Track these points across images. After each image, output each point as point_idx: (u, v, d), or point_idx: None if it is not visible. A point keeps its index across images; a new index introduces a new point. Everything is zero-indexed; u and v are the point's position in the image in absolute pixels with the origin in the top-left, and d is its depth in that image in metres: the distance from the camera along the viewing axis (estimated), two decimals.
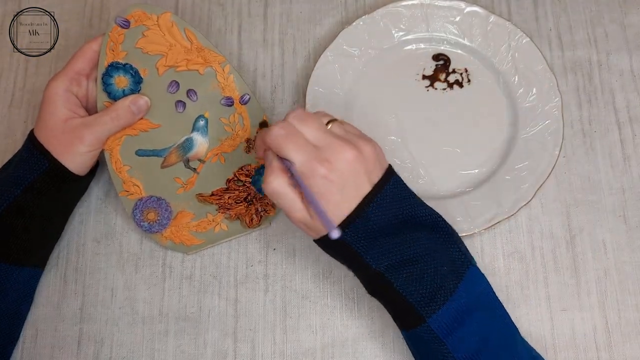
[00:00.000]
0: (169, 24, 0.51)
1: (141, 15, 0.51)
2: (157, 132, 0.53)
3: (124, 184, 0.53)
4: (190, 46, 0.52)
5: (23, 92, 0.62)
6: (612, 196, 0.55)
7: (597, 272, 0.53)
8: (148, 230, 0.54)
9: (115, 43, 0.51)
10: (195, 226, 0.54)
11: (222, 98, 0.53)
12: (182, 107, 0.53)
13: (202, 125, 0.53)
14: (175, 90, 0.52)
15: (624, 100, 0.58)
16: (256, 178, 0.54)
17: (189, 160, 0.54)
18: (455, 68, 0.59)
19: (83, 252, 0.56)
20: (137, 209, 0.53)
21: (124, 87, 0.51)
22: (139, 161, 0.53)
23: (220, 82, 0.53)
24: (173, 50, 0.52)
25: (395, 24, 0.59)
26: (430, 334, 0.42)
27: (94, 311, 0.54)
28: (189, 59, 0.52)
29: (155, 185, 0.54)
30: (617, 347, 0.51)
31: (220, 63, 0.53)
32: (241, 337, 0.53)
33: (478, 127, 0.57)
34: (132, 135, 0.52)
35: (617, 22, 0.61)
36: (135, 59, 0.52)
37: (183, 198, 0.54)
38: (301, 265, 0.55)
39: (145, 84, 0.52)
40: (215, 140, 0.54)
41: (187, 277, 0.55)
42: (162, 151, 0.53)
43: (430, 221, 0.45)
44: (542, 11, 0.62)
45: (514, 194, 0.53)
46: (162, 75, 0.52)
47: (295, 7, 0.63)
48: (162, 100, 0.53)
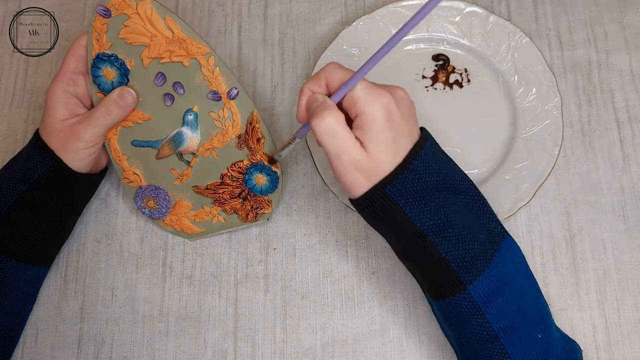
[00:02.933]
0: (148, 12, 0.49)
1: (120, 3, 0.49)
2: (149, 124, 0.52)
3: (124, 172, 0.54)
4: (172, 37, 0.49)
5: (24, 92, 0.62)
6: (611, 196, 0.56)
7: (596, 271, 0.53)
8: (150, 217, 0.55)
9: (99, 33, 0.50)
10: (194, 216, 0.55)
11: (209, 92, 0.51)
12: (171, 101, 0.51)
13: (192, 120, 0.52)
14: (162, 82, 0.51)
15: (623, 100, 0.58)
16: (248, 177, 0.53)
17: (181, 154, 0.53)
18: (455, 68, 0.59)
19: (83, 251, 0.56)
20: (138, 197, 0.54)
21: (112, 79, 0.51)
22: (136, 151, 0.53)
23: (206, 76, 0.50)
24: (155, 41, 0.50)
25: (395, 24, 0.59)
26: (470, 302, 0.41)
27: (95, 311, 0.54)
28: (172, 50, 0.50)
29: (154, 175, 0.54)
30: (617, 347, 0.51)
31: (205, 55, 0.50)
32: (241, 337, 0.53)
33: (478, 127, 0.57)
34: (126, 127, 0.53)
35: (616, 22, 0.61)
36: (121, 50, 0.50)
37: (180, 189, 0.54)
38: (301, 265, 0.55)
39: (132, 76, 0.51)
40: (206, 134, 0.52)
41: (187, 277, 0.55)
42: (156, 143, 0.53)
43: (465, 186, 0.44)
44: (542, 11, 0.62)
45: (514, 194, 0.53)
46: (148, 67, 0.51)
47: (295, 7, 0.63)
48: (151, 93, 0.51)
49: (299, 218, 0.56)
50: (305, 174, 0.58)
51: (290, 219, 0.56)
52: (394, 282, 0.54)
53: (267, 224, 0.56)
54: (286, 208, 0.57)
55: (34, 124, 0.60)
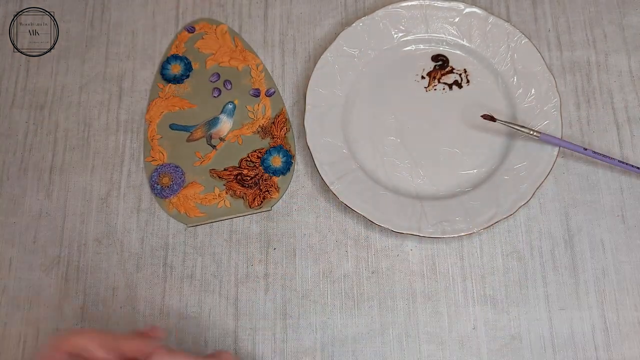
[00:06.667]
0: (223, 33, 0.63)
1: (204, 26, 0.63)
2: (192, 111, 0.60)
3: (151, 151, 0.59)
4: (235, 48, 0.62)
5: (24, 92, 0.62)
6: (610, 196, 0.56)
7: (595, 271, 0.54)
8: (159, 194, 0.57)
9: (180, 42, 0.63)
10: (202, 199, 0.57)
11: (251, 89, 0.61)
12: (218, 93, 0.61)
13: (230, 109, 0.60)
14: (215, 79, 0.61)
15: (622, 100, 0.59)
16: (265, 157, 0.58)
17: (211, 136, 0.59)
18: (455, 69, 0.59)
19: (84, 251, 0.56)
20: (156, 172, 0.58)
21: (176, 73, 0.61)
22: (170, 133, 0.60)
23: (252, 77, 0.61)
24: (221, 50, 0.62)
25: (395, 25, 0.59)
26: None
27: (95, 310, 0.54)
28: (232, 57, 0.62)
29: (178, 156, 0.59)
30: (616, 347, 0.51)
31: (256, 64, 0.61)
32: (241, 336, 0.53)
33: (477, 128, 0.57)
34: (172, 112, 0.60)
35: (616, 23, 0.61)
36: (191, 55, 0.62)
37: (198, 171, 0.58)
38: (301, 265, 0.55)
39: (193, 74, 0.61)
40: (238, 123, 0.60)
41: (187, 277, 0.55)
42: (191, 127, 0.60)
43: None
44: (541, 12, 0.62)
45: (513, 194, 0.54)
46: (209, 68, 0.61)
47: (295, 8, 0.63)
48: (203, 86, 0.61)
49: (299, 218, 0.57)
50: (305, 174, 0.58)
51: (290, 219, 0.57)
52: (393, 282, 0.54)
53: (267, 224, 0.56)
54: (286, 208, 0.57)
55: (34, 124, 0.61)
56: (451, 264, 0.54)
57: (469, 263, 0.54)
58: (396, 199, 0.54)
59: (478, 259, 0.54)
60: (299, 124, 0.59)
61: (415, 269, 0.54)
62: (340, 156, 0.56)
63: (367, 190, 0.55)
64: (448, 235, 0.52)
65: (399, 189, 0.56)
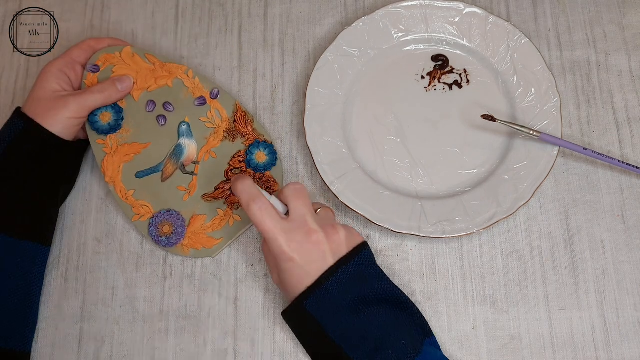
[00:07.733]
0: (130, 55, 0.57)
1: (106, 57, 0.56)
2: (149, 151, 0.56)
3: (133, 209, 0.55)
4: (154, 67, 0.57)
5: (24, 92, 0.62)
6: (610, 196, 0.56)
7: (595, 271, 0.54)
8: (167, 245, 0.54)
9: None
10: (210, 226, 0.55)
11: (194, 100, 0.57)
12: (164, 120, 0.57)
13: (186, 129, 0.57)
14: (152, 108, 0.57)
15: (622, 100, 0.59)
16: (249, 158, 0.56)
17: (184, 165, 0.56)
18: (455, 68, 0.59)
19: (84, 251, 0.56)
20: (152, 226, 0.55)
21: (108, 121, 0.55)
22: (141, 182, 0.56)
23: (188, 87, 0.57)
24: (140, 75, 0.57)
25: (395, 25, 0.59)
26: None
27: (95, 310, 0.54)
28: (157, 77, 0.57)
29: (162, 200, 0.55)
30: (616, 347, 0.51)
31: (184, 71, 0.57)
32: (241, 336, 0.53)
33: (477, 127, 0.57)
34: (128, 162, 0.56)
35: (616, 23, 0.61)
36: None
37: (191, 203, 0.55)
38: None
39: (126, 112, 0.56)
40: (201, 139, 0.57)
41: (187, 276, 0.55)
42: (159, 166, 0.56)
43: (392, 296, 0.47)
44: (541, 12, 0.62)
45: (513, 194, 0.54)
46: (138, 99, 0.57)
47: (296, 8, 0.63)
48: (145, 120, 0.57)
49: None
50: (306, 174, 0.58)
51: None
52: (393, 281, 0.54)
53: None
54: None
55: None
56: (451, 263, 0.54)
57: (469, 263, 0.54)
58: (396, 199, 0.54)
59: (478, 258, 0.54)
60: (299, 124, 0.59)
61: (415, 269, 0.54)
62: (340, 156, 0.56)
63: (367, 190, 0.55)
64: (448, 235, 0.52)
65: (399, 188, 0.56)
